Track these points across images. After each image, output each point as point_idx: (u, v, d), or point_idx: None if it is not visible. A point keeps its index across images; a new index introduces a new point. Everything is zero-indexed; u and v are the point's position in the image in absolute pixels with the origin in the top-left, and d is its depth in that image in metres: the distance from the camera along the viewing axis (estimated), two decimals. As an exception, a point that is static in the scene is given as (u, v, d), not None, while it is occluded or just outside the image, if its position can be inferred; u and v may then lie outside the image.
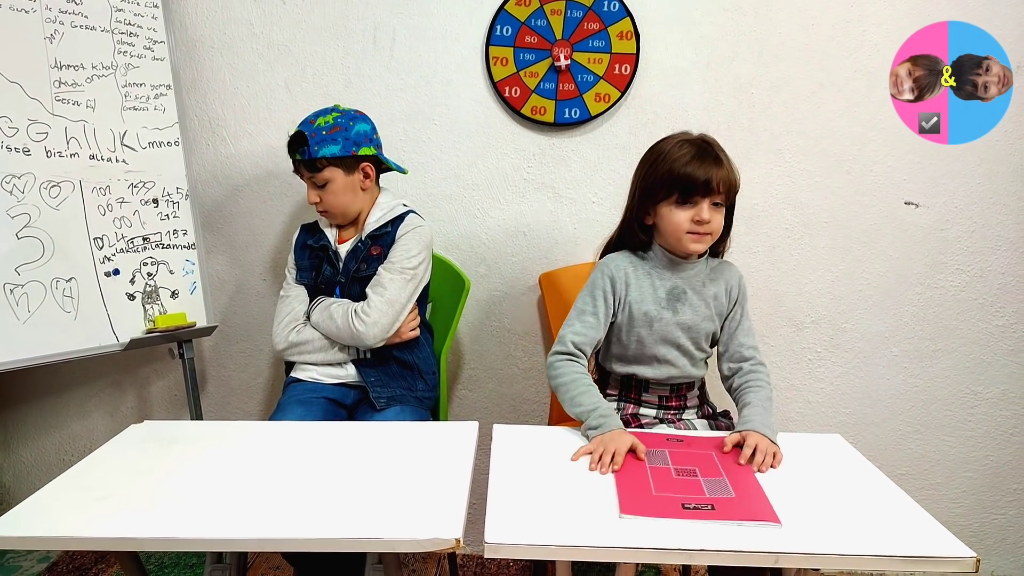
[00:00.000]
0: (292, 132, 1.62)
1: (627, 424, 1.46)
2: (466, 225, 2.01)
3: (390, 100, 1.95)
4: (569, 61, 1.88)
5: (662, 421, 1.51)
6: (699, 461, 1.28)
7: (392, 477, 1.15)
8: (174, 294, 1.84)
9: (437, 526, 1.00)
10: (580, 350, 1.45)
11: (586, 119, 1.92)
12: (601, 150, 1.95)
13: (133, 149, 1.79)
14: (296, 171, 1.66)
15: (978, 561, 0.97)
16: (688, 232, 1.42)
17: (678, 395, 1.53)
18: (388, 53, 1.93)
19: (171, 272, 1.84)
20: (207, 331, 1.89)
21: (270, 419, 1.49)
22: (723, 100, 1.92)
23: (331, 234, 1.70)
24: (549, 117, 1.92)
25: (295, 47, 1.94)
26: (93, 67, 1.74)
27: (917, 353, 2.02)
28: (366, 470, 1.18)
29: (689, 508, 1.10)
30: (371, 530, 0.99)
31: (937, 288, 1.98)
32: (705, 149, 1.40)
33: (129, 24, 1.80)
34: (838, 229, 1.96)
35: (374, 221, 1.68)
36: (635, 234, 1.50)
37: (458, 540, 0.97)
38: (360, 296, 1.63)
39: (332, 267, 1.67)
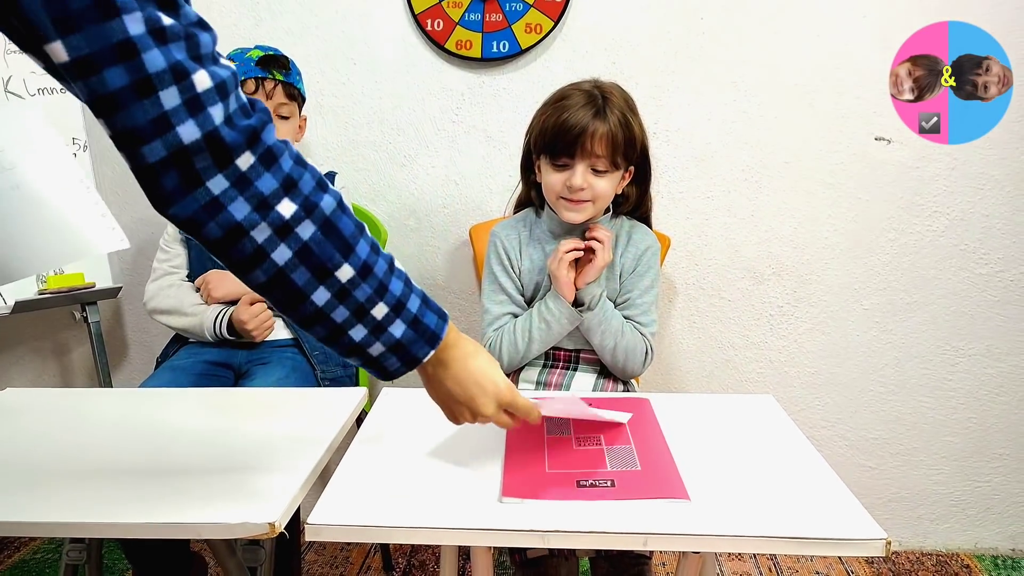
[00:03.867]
0: (255, 52, 1.51)
1: None
2: (392, 174, 1.85)
3: (304, 38, 1.78)
4: (495, -13, 1.70)
5: (541, 384, 1.36)
6: (606, 427, 1.13)
7: (239, 452, 1.02)
8: (73, 253, 1.71)
9: (255, 509, 0.86)
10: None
11: (516, 53, 1.73)
12: (536, 88, 1.77)
13: (19, 96, 1.65)
14: (254, 91, 1.49)
15: (888, 543, 0.81)
16: (561, 198, 1.28)
17: (569, 353, 1.39)
18: (300, -15, 1.76)
19: (69, 230, 1.71)
20: (111, 292, 1.76)
21: (140, 385, 1.37)
22: (670, 28, 1.72)
23: None
24: (476, 52, 1.74)
25: (199, -18, 1.77)
26: (-31, 6, 1.59)
27: (891, 306, 1.83)
28: (213, 444, 1.04)
29: (585, 486, 0.95)
30: (174, 514, 0.85)
31: (912, 233, 1.78)
32: (591, 101, 1.23)
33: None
34: (801, 170, 1.77)
35: None
36: (527, 191, 1.41)
37: (272, 525, 0.83)
38: None
39: None
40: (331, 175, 1.60)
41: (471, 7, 1.72)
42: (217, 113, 0.64)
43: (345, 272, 0.71)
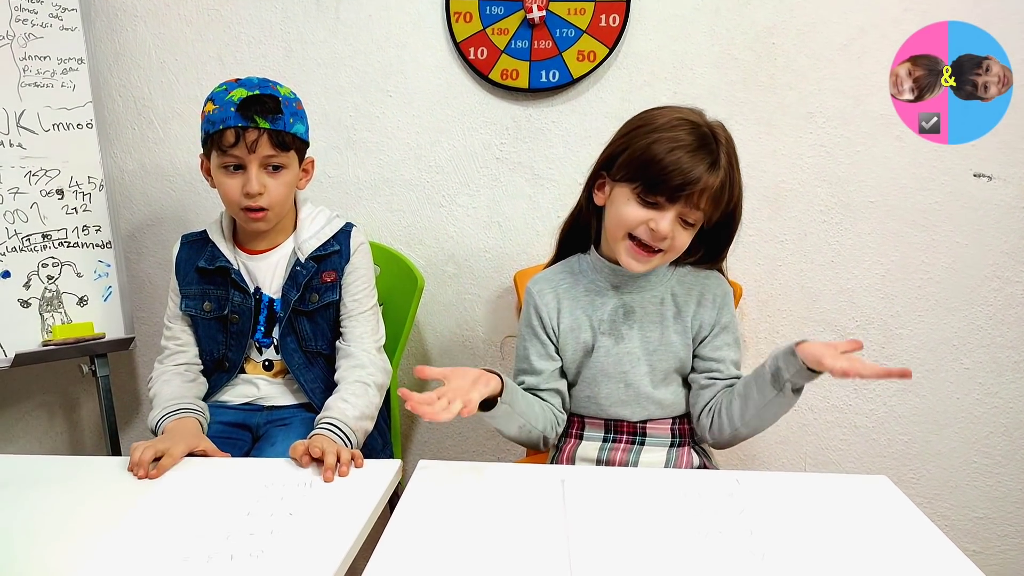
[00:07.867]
0: (237, 92, 1.23)
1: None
2: (430, 216, 1.70)
3: (337, 70, 1.66)
4: (544, 12, 1.55)
5: (602, 462, 1.16)
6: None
7: (260, 535, 0.85)
8: (82, 300, 1.57)
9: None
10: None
11: (567, 83, 1.58)
12: (587, 120, 1.61)
13: (32, 132, 1.54)
14: (234, 144, 1.22)
15: None
16: (630, 237, 1.08)
17: (634, 425, 1.19)
18: (333, 14, 1.64)
19: (79, 275, 1.57)
20: (123, 344, 1.61)
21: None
22: (737, 54, 1.56)
23: (227, 249, 1.34)
24: (523, 82, 1.59)
25: (227, 11, 1.66)
26: (-17, 37, 1.50)
27: (995, 365, 1.61)
28: (231, 526, 0.87)
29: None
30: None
31: (1020, 283, 1.59)
32: (703, 143, 1.03)
33: (29, -12, 1.55)
34: (888, 210, 1.59)
35: (311, 236, 1.33)
36: (583, 213, 1.19)
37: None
38: (311, 334, 1.34)
39: (240, 292, 1.32)
40: (348, 227, 1.37)
41: (518, 33, 1.58)
42: None
43: None
